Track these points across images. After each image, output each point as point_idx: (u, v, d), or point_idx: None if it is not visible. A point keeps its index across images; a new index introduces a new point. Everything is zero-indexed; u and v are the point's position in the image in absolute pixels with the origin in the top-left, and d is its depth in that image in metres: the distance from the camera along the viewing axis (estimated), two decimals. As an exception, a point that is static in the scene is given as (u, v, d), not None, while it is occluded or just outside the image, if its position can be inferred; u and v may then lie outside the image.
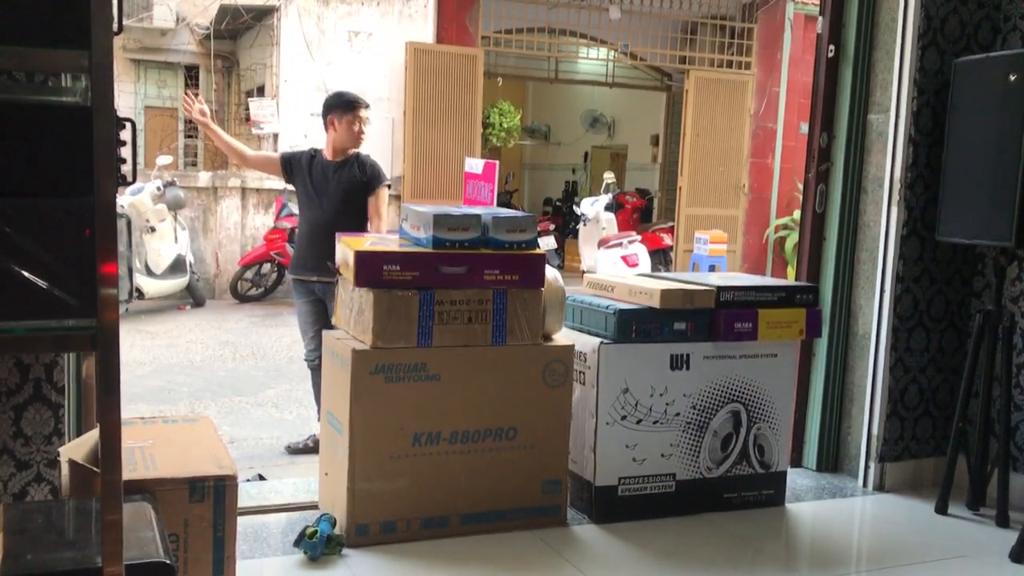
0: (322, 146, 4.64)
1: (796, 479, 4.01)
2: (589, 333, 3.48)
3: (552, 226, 13.25)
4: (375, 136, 5.37)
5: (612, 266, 9.51)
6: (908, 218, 3.87)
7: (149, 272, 8.97)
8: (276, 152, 4.74)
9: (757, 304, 3.54)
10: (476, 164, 7.26)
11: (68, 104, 1.86)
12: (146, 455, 2.35)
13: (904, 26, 3.82)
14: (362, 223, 4.42)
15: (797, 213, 10.13)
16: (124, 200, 8.61)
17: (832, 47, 4.02)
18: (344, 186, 4.45)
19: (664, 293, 3.39)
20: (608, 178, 11.55)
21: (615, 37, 11.37)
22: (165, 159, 10.15)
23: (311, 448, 4.65)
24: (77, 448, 2.27)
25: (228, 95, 14.37)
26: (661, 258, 11.29)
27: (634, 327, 3.37)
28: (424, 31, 10.65)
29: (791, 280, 5.11)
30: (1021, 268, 3.85)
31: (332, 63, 10.58)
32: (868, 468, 3.98)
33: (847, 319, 4.08)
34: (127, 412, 1.89)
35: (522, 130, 14.30)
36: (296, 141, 9.98)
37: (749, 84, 11.58)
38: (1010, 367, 3.65)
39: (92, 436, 2.28)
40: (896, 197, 3.87)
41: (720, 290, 3.49)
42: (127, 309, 8.53)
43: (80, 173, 1.66)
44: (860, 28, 3.95)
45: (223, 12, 12.06)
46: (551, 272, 3.37)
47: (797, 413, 4.12)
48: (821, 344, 4.09)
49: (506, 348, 3.21)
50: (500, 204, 8.80)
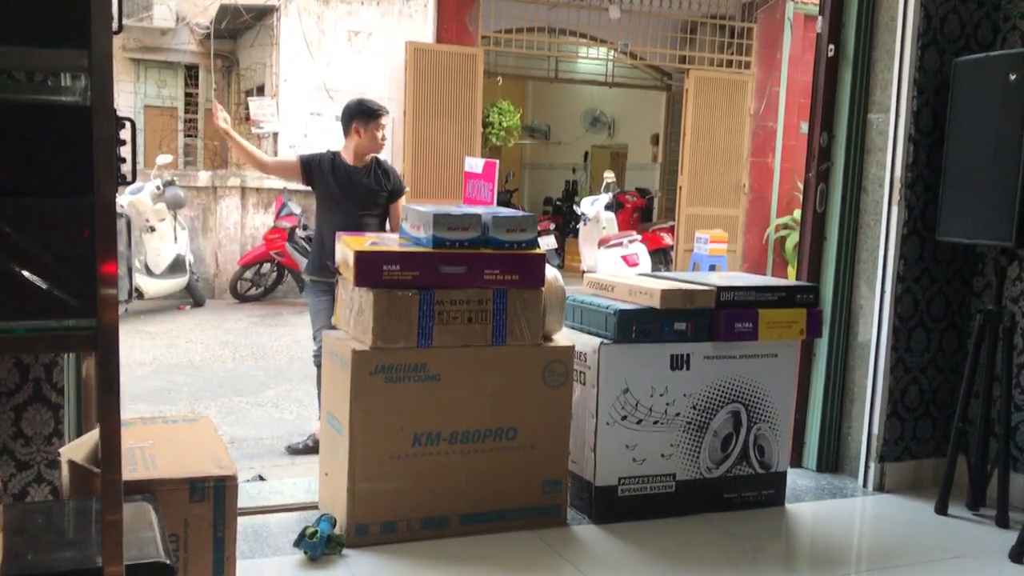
0: (335, 148, 4.69)
1: (796, 479, 4.01)
2: (589, 333, 3.48)
3: (552, 226, 13.24)
4: (376, 136, 5.38)
5: (612, 266, 9.51)
6: (908, 218, 3.87)
7: (149, 272, 8.97)
8: (294, 157, 4.83)
9: (757, 304, 3.54)
10: (476, 163, 7.24)
11: (68, 104, 1.86)
12: (146, 455, 2.35)
13: (904, 26, 3.82)
14: (383, 227, 4.56)
15: (797, 213, 10.13)
16: (124, 200, 8.61)
17: (832, 47, 4.02)
18: (370, 191, 4.58)
19: (664, 293, 3.39)
20: (608, 177, 11.54)
21: (615, 37, 11.36)
22: (165, 158, 10.15)
23: (311, 448, 4.65)
24: (77, 448, 2.27)
25: (228, 95, 14.36)
26: (661, 258, 11.29)
27: (634, 327, 3.37)
28: (424, 30, 10.65)
29: (791, 280, 5.10)
30: (1021, 268, 3.84)
31: (332, 63, 10.59)
32: (868, 468, 3.98)
33: (847, 319, 4.08)
34: (127, 412, 1.89)
35: (522, 129, 14.30)
36: (296, 141, 10.00)
37: (749, 84, 11.58)
38: (1010, 367, 3.65)
39: (92, 436, 2.28)
40: (896, 197, 3.87)
41: (720, 290, 3.49)
42: (127, 309, 8.53)
43: (80, 173, 1.65)
44: (860, 28, 3.95)
45: (223, 12, 12.06)
46: (551, 272, 3.37)
47: (797, 413, 4.12)
48: (821, 344, 4.09)
49: (506, 348, 3.21)
50: (500, 203, 8.78)
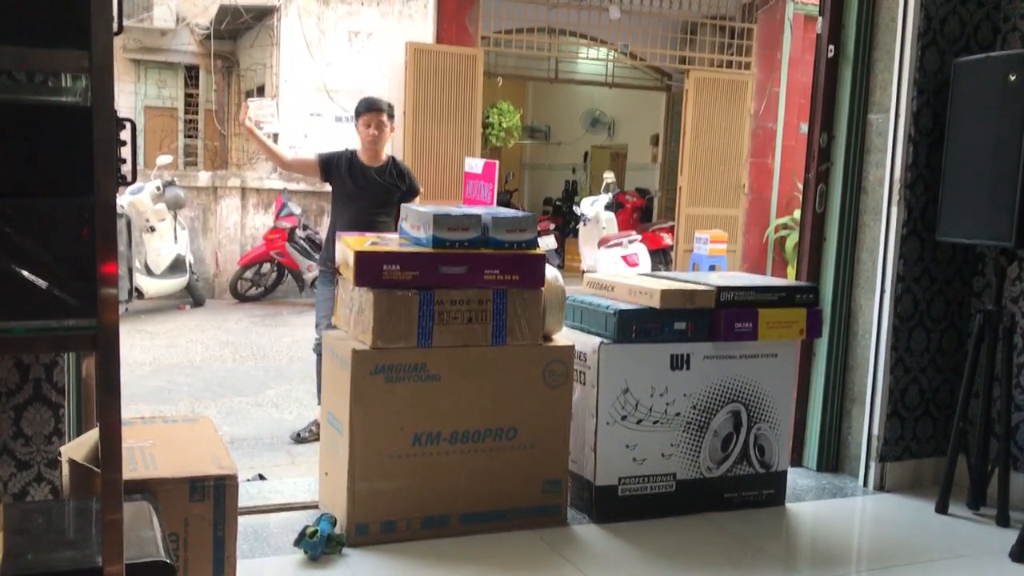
0: (352, 147, 4.91)
1: (796, 479, 4.01)
2: (589, 333, 3.48)
3: (552, 226, 13.24)
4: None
5: (612, 266, 9.51)
6: (908, 218, 3.87)
7: (149, 272, 8.97)
8: (314, 155, 4.99)
9: (757, 304, 3.54)
10: (476, 164, 7.26)
11: (68, 104, 1.86)
12: (146, 455, 2.35)
13: (904, 26, 3.82)
14: (390, 225, 4.62)
15: (797, 213, 10.13)
16: (124, 200, 8.61)
17: (832, 47, 4.02)
18: (383, 190, 4.74)
19: (664, 293, 3.39)
20: (608, 178, 11.54)
21: (615, 37, 11.36)
22: (165, 159, 10.15)
23: (315, 434, 4.72)
24: (77, 448, 2.27)
25: (228, 95, 14.36)
26: (661, 258, 11.29)
27: (634, 327, 3.37)
28: (424, 31, 10.65)
29: (791, 280, 5.10)
30: (1021, 268, 3.85)
31: (332, 63, 10.58)
32: (868, 468, 3.98)
33: (847, 319, 4.08)
34: (127, 412, 1.89)
35: (522, 130, 14.30)
36: (296, 141, 9.99)
37: (749, 84, 11.58)
38: (1010, 367, 3.65)
39: (92, 436, 2.28)
40: (896, 197, 3.87)
41: (720, 290, 3.49)
42: (127, 309, 8.53)
43: (80, 173, 1.66)
44: (860, 28, 3.95)
45: (223, 12, 12.06)
46: (551, 272, 3.37)
47: (797, 413, 4.12)
48: (821, 344, 4.09)
49: (506, 348, 3.21)
50: (500, 204, 8.81)
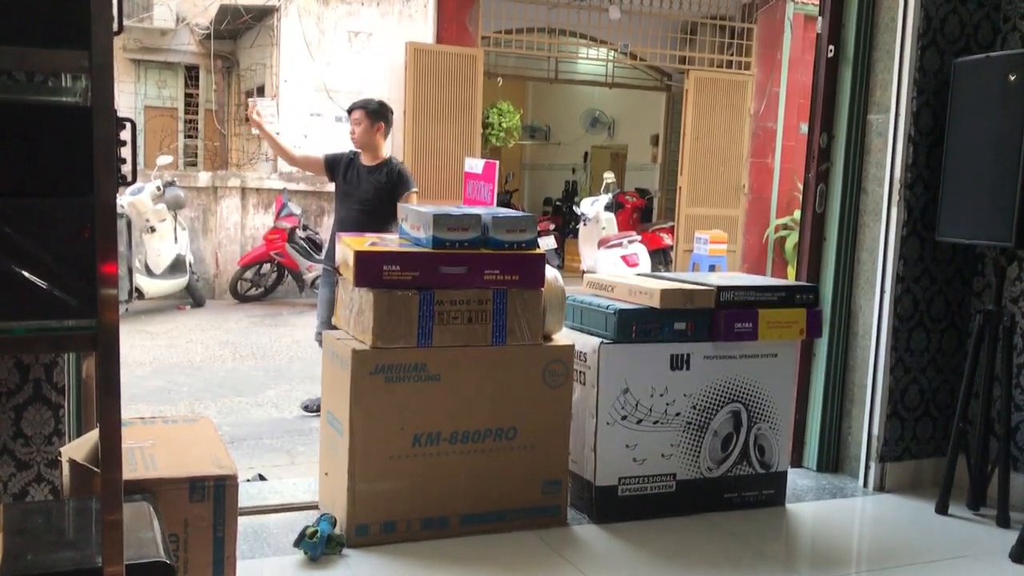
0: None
1: (796, 479, 4.01)
2: (589, 333, 3.48)
3: (552, 226, 13.25)
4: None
5: (612, 266, 9.51)
6: (908, 218, 3.87)
7: (149, 272, 8.97)
8: (320, 154, 5.29)
9: (757, 304, 3.54)
10: (476, 164, 7.25)
11: (68, 104, 1.86)
12: (146, 455, 2.35)
13: (904, 26, 3.82)
14: (385, 225, 4.71)
15: (797, 213, 10.13)
16: (124, 200, 8.61)
17: (832, 47, 4.02)
18: (372, 189, 4.92)
19: (664, 293, 3.39)
20: (608, 178, 11.55)
21: (615, 37, 11.37)
22: (165, 159, 10.15)
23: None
24: (77, 448, 2.27)
25: (228, 95, 14.36)
26: (661, 258, 11.30)
27: (634, 327, 3.37)
28: (424, 31, 10.65)
29: (791, 280, 5.10)
30: (1021, 268, 3.84)
31: (332, 63, 10.59)
32: (868, 468, 3.98)
33: (847, 319, 4.08)
34: (127, 412, 1.89)
35: (522, 130, 14.30)
36: (296, 141, 9.99)
37: (749, 84, 11.58)
38: (1010, 367, 3.65)
39: (92, 436, 2.28)
40: (896, 197, 3.87)
41: (720, 290, 3.49)
42: (127, 309, 8.53)
43: (80, 173, 1.65)
44: (860, 28, 3.95)
45: (223, 12, 12.06)
46: (551, 272, 3.37)
47: (797, 413, 4.12)
48: (821, 344, 4.09)
49: (506, 348, 3.21)
50: (500, 204, 8.80)
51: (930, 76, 3.84)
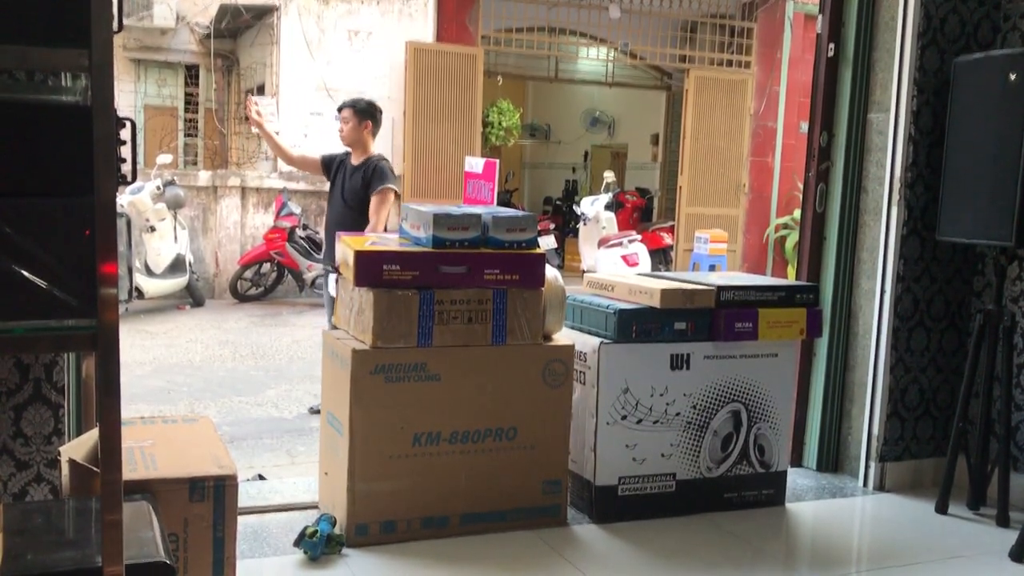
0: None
1: (796, 479, 4.01)
2: (589, 333, 3.48)
3: (552, 225, 13.24)
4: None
5: (612, 265, 9.51)
6: (908, 218, 3.87)
7: (149, 272, 8.97)
8: (317, 155, 5.33)
9: (757, 304, 3.54)
10: (476, 163, 7.24)
11: (68, 103, 1.85)
12: (146, 455, 2.35)
13: (904, 25, 3.82)
14: (362, 224, 4.75)
15: (797, 212, 10.13)
16: (124, 199, 8.61)
17: (832, 46, 4.02)
18: (351, 187, 4.93)
19: (664, 293, 3.39)
20: (608, 177, 11.54)
21: (615, 36, 11.36)
22: (165, 158, 10.14)
23: None
24: (77, 448, 2.27)
25: (228, 94, 14.35)
26: (661, 257, 11.29)
27: (634, 327, 3.37)
28: (424, 30, 10.65)
29: (791, 280, 5.10)
30: (1021, 268, 3.84)
31: (332, 62, 10.58)
32: (868, 468, 3.98)
33: (847, 319, 4.08)
34: (127, 412, 1.89)
35: (522, 129, 14.30)
36: (296, 140, 9.98)
37: (749, 83, 11.58)
38: (1011, 367, 3.64)
39: (92, 436, 2.28)
40: (896, 197, 3.86)
41: (720, 290, 3.49)
42: (127, 309, 8.53)
43: (80, 173, 1.65)
44: (860, 27, 3.95)
45: (223, 11, 12.05)
46: (551, 272, 3.37)
47: (797, 413, 4.12)
48: (821, 344, 4.09)
49: (506, 348, 3.21)
50: (500, 203, 8.80)
51: (930, 75, 3.83)
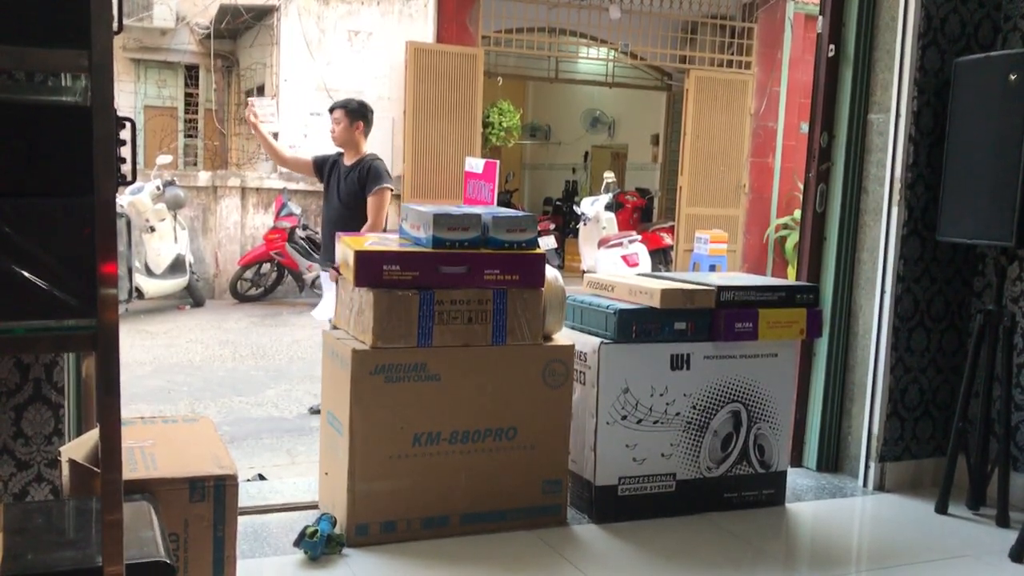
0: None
1: (796, 479, 4.01)
2: (589, 333, 3.48)
3: (552, 226, 13.24)
4: (375, 135, 5.50)
5: (612, 266, 9.51)
6: (908, 218, 3.87)
7: (149, 272, 8.97)
8: (310, 156, 5.33)
9: (757, 304, 3.54)
10: (476, 163, 7.25)
11: (68, 104, 1.85)
12: (146, 455, 2.35)
13: (904, 26, 3.82)
14: (358, 223, 4.75)
15: (797, 213, 10.13)
16: (124, 200, 8.61)
17: (832, 47, 4.02)
18: (345, 188, 4.92)
19: (664, 293, 3.39)
20: (608, 178, 11.54)
21: (615, 37, 11.37)
22: (165, 158, 10.15)
23: None
24: (77, 448, 2.27)
25: (228, 95, 14.36)
26: (661, 258, 11.29)
27: (634, 327, 3.37)
28: (424, 31, 10.65)
29: (791, 280, 5.10)
30: (1021, 268, 3.84)
31: (332, 63, 10.58)
32: (868, 468, 3.98)
33: (847, 319, 4.08)
34: (127, 412, 1.89)
35: (522, 129, 14.30)
36: (296, 140, 10.00)
37: (749, 84, 11.58)
38: (1011, 367, 3.64)
39: (92, 436, 2.28)
40: (896, 197, 3.86)
41: (720, 290, 3.49)
42: (127, 309, 8.53)
43: (80, 173, 1.65)
44: (860, 28, 3.95)
45: (223, 11, 12.06)
46: (551, 272, 3.37)
47: (797, 413, 4.12)
48: (821, 344, 4.09)
49: (506, 348, 3.21)
50: (500, 204, 8.80)
51: (931, 76, 3.83)
